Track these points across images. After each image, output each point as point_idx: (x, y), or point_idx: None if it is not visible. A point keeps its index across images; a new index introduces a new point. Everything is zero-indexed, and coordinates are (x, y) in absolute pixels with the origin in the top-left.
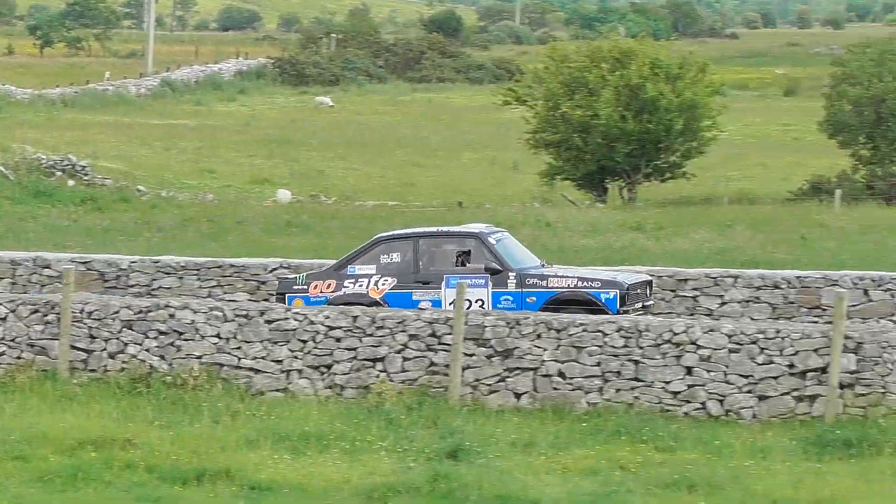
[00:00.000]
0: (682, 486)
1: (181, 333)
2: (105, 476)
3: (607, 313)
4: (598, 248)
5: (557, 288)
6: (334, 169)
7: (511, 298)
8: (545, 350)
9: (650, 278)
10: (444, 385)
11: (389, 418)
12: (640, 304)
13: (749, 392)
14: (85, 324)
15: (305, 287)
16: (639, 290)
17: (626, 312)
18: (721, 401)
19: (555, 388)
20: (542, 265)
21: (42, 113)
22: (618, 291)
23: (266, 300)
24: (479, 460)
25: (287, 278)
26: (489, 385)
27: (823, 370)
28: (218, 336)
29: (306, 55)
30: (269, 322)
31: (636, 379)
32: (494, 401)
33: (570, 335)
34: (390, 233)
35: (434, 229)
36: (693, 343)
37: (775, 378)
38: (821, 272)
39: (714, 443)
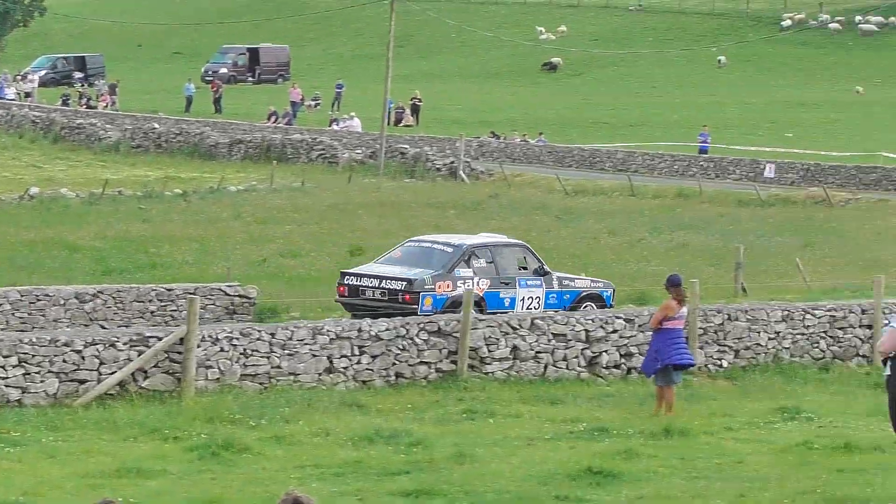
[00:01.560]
0: None
1: None
2: None
3: (606, 306)
4: None
5: (582, 287)
6: None
7: (556, 296)
8: None
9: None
10: None
11: None
12: None
13: None
14: None
15: (433, 287)
16: None
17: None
18: None
19: None
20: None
21: None
22: (612, 290)
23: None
24: None
25: (417, 279)
26: None
27: None
28: None
29: None
30: None
31: None
32: None
33: None
34: (474, 242)
35: (496, 239)
36: None
37: None
38: None
39: None
